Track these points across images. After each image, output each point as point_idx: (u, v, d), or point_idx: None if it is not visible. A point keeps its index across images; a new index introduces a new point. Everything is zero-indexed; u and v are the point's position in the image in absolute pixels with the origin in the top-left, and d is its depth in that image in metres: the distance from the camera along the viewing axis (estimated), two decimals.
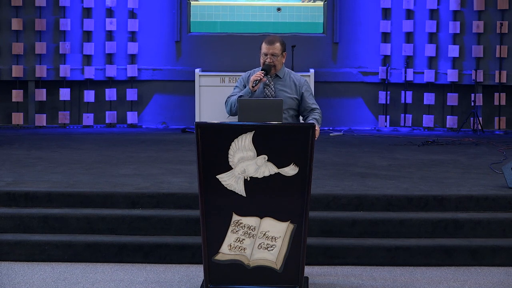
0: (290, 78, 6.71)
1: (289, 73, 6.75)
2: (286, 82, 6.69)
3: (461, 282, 6.50)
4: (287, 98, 6.60)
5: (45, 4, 14.28)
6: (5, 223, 7.31)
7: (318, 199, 7.45)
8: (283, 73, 6.73)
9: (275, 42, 6.73)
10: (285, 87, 6.67)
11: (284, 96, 6.61)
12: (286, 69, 6.78)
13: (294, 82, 6.69)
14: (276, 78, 6.71)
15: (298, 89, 6.68)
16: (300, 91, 6.67)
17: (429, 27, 14.30)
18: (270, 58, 6.67)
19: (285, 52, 6.77)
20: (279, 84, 6.68)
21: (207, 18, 14.48)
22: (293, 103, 6.64)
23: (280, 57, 6.70)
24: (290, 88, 6.67)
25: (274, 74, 6.71)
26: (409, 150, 11.32)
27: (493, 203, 7.57)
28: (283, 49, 6.74)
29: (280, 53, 6.70)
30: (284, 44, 6.78)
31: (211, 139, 5.82)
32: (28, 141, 12.11)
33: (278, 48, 6.70)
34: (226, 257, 5.89)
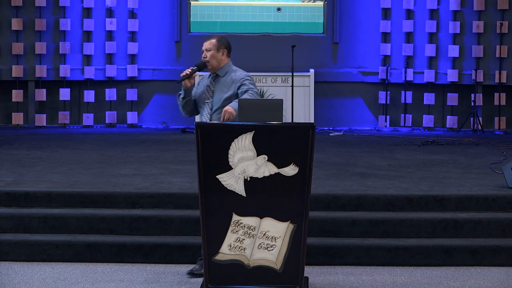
0: (229, 77, 6.54)
1: (231, 72, 6.59)
2: (224, 82, 6.54)
3: (461, 282, 6.50)
4: (221, 98, 6.47)
5: (45, 4, 14.29)
6: (5, 223, 7.31)
7: (318, 199, 7.44)
8: (223, 72, 6.58)
9: (212, 38, 6.65)
10: (224, 86, 6.52)
11: (218, 96, 6.49)
12: (231, 68, 6.61)
13: (232, 79, 6.52)
14: (217, 78, 6.58)
15: (235, 86, 6.51)
16: (236, 89, 6.49)
17: (429, 27, 14.30)
18: (204, 54, 6.57)
19: (224, 50, 6.60)
20: (219, 84, 6.55)
21: (207, 18, 14.49)
22: (230, 100, 6.45)
23: (214, 52, 6.54)
24: (228, 87, 6.52)
25: (215, 73, 6.58)
26: (409, 150, 11.33)
27: (493, 203, 7.57)
28: (219, 46, 6.58)
29: (214, 48, 6.55)
30: (223, 42, 6.62)
31: (211, 139, 5.82)
32: (28, 141, 12.12)
33: (212, 43, 6.58)
34: (226, 257, 5.89)
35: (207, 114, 6.53)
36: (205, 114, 6.55)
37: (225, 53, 6.64)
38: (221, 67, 6.59)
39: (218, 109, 6.49)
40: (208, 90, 6.57)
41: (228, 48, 6.66)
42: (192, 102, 6.65)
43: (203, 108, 6.58)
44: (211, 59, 6.56)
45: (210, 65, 6.56)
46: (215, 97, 6.52)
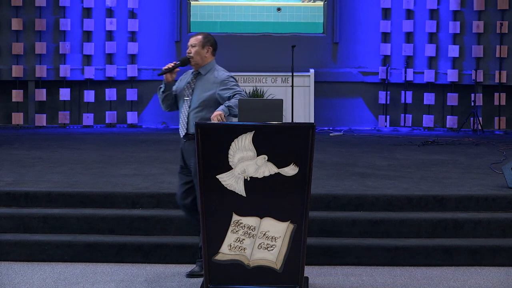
0: (211, 76, 6.49)
1: (214, 71, 6.53)
2: (206, 80, 6.48)
3: (461, 282, 6.50)
4: (200, 97, 6.42)
5: (45, 4, 14.29)
6: (5, 223, 7.31)
7: (318, 199, 7.44)
8: (206, 70, 6.52)
9: (198, 34, 6.58)
10: (204, 84, 6.47)
11: (197, 94, 6.44)
12: (215, 67, 6.56)
13: (214, 79, 6.46)
14: (198, 75, 6.53)
15: (216, 86, 6.44)
16: (217, 89, 6.43)
17: (429, 27, 14.30)
18: (189, 49, 6.51)
19: (209, 48, 6.53)
20: (200, 82, 6.50)
21: (207, 18, 14.49)
22: (207, 102, 6.40)
23: (198, 48, 6.48)
24: (208, 85, 6.45)
25: (197, 71, 6.53)
26: (409, 150, 11.32)
27: (493, 203, 7.57)
28: (205, 43, 6.51)
29: (199, 44, 6.49)
30: (209, 40, 6.56)
31: (211, 139, 5.82)
32: (28, 141, 12.12)
33: (198, 39, 6.52)
34: (226, 257, 5.89)
35: (185, 112, 6.48)
36: (183, 111, 6.49)
37: (210, 50, 6.57)
38: (205, 64, 6.53)
39: (196, 108, 6.44)
40: (188, 87, 6.53)
41: (213, 46, 6.59)
42: (172, 97, 6.60)
43: (182, 105, 6.53)
44: (195, 55, 6.50)
45: (193, 61, 6.51)
46: (194, 95, 6.47)
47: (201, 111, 6.42)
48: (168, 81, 6.53)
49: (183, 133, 6.50)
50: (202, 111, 6.41)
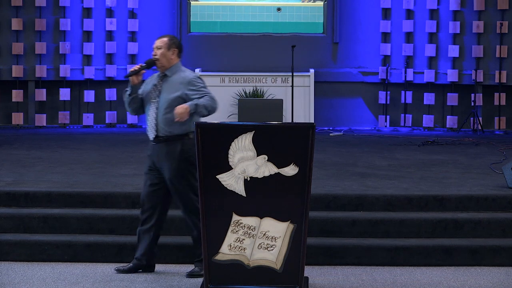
0: (178, 77, 6.47)
1: (180, 73, 6.51)
2: (172, 82, 6.46)
3: (461, 282, 6.50)
4: (168, 98, 6.40)
5: (45, 4, 14.29)
6: (5, 223, 7.31)
7: (318, 199, 7.44)
8: (172, 72, 6.51)
9: (164, 36, 6.61)
10: (171, 85, 6.45)
11: (165, 96, 6.42)
12: (180, 69, 6.55)
13: (181, 80, 6.45)
14: (165, 77, 6.51)
15: (184, 86, 6.43)
16: (184, 90, 6.42)
17: (429, 27, 14.30)
18: (155, 51, 6.52)
19: (175, 50, 6.53)
20: (167, 84, 6.48)
21: (207, 18, 14.49)
22: (175, 102, 6.37)
23: (164, 51, 6.49)
24: (174, 87, 6.43)
25: (163, 73, 6.51)
26: (409, 150, 11.33)
27: (493, 203, 7.57)
28: (170, 45, 6.52)
29: (165, 46, 6.50)
30: (174, 42, 6.57)
31: (211, 139, 5.82)
32: (28, 141, 12.12)
33: (164, 41, 6.53)
34: (226, 257, 5.89)
35: (153, 114, 6.46)
36: (151, 114, 6.47)
37: (176, 52, 6.56)
38: (170, 66, 6.52)
39: (164, 109, 6.42)
40: (155, 89, 6.50)
41: (179, 48, 6.60)
42: (138, 100, 6.56)
43: (149, 108, 6.50)
44: (161, 58, 6.50)
45: (159, 63, 6.50)
46: (161, 97, 6.45)
47: (169, 112, 6.39)
48: (134, 84, 6.49)
49: (152, 136, 6.47)
50: (170, 113, 6.38)
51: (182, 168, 6.43)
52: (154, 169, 6.54)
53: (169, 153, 6.42)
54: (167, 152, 6.43)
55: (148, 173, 6.58)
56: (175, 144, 6.41)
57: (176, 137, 6.41)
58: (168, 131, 6.42)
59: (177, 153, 6.40)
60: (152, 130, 6.46)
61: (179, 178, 6.44)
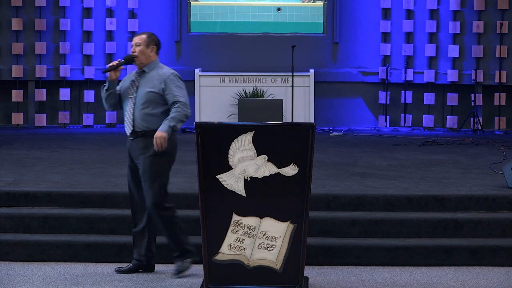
0: (155, 73, 6.51)
1: (158, 69, 6.55)
2: (150, 78, 6.50)
3: (461, 282, 6.50)
4: (144, 93, 6.44)
5: (45, 4, 14.29)
6: (5, 223, 7.31)
7: (318, 199, 7.45)
8: (150, 69, 6.55)
9: (143, 34, 6.64)
10: (148, 81, 6.48)
11: (142, 91, 6.46)
12: (158, 65, 6.59)
13: (158, 76, 6.48)
14: (142, 73, 6.55)
15: (160, 84, 6.46)
16: (161, 86, 6.45)
17: (429, 27, 14.30)
18: (133, 48, 6.54)
19: (153, 47, 6.58)
20: (144, 79, 6.51)
21: (207, 18, 14.49)
22: (152, 97, 6.43)
23: (143, 48, 6.52)
24: (152, 83, 6.47)
25: (141, 69, 6.54)
26: (409, 150, 11.33)
27: (493, 203, 7.57)
28: (149, 42, 6.57)
29: (143, 43, 6.53)
30: (153, 39, 6.62)
31: (211, 139, 5.82)
32: (28, 141, 12.12)
33: (143, 38, 6.57)
34: (226, 257, 5.89)
35: (130, 109, 6.47)
36: (128, 110, 6.49)
37: (154, 49, 6.61)
38: (149, 63, 6.56)
39: (141, 105, 6.44)
40: (132, 85, 6.54)
41: (158, 45, 6.65)
42: (115, 96, 6.59)
43: (127, 104, 6.52)
44: (140, 54, 6.53)
45: (138, 60, 6.53)
46: (139, 92, 6.48)
47: (146, 107, 6.43)
48: (112, 79, 6.52)
49: (129, 131, 6.48)
50: (147, 108, 6.43)
51: (156, 162, 6.42)
52: (134, 168, 6.54)
53: (145, 147, 6.42)
54: (144, 147, 6.43)
55: (130, 172, 6.58)
56: (151, 139, 6.39)
57: (153, 132, 6.41)
58: (145, 126, 6.44)
59: (152, 148, 6.39)
60: (129, 125, 6.48)
61: (150, 173, 6.41)
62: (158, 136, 6.31)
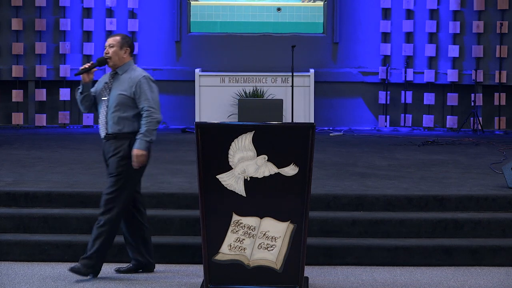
0: (128, 76, 6.47)
1: (130, 71, 6.52)
2: (122, 80, 6.47)
3: (461, 282, 6.50)
4: (116, 96, 6.41)
5: (45, 4, 14.29)
6: (5, 223, 7.31)
7: (318, 199, 7.45)
8: (123, 71, 6.52)
9: (117, 35, 6.61)
10: (120, 84, 6.45)
11: (114, 93, 6.43)
12: (131, 67, 6.56)
13: (129, 80, 6.45)
14: (116, 75, 6.52)
15: (131, 87, 6.42)
16: (132, 89, 6.42)
17: (429, 27, 14.30)
18: (107, 50, 6.51)
19: (127, 49, 6.54)
20: (117, 81, 6.48)
21: (207, 18, 14.49)
22: (124, 100, 6.39)
23: (117, 49, 6.49)
24: (123, 85, 6.43)
25: (114, 71, 6.52)
26: (409, 150, 11.33)
27: (493, 203, 7.57)
28: (123, 44, 6.53)
29: (117, 45, 6.50)
30: (127, 41, 6.57)
31: (211, 139, 5.82)
32: (28, 141, 12.12)
33: (116, 40, 6.54)
34: (226, 257, 5.89)
35: (104, 112, 6.45)
36: (102, 112, 6.47)
37: (128, 51, 6.57)
38: (122, 65, 6.53)
39: (114, 107, 6.40)
40: (106, 87, 6.51)
41: (131, 47, 6.61)
42: (90, 98, 6.56)
43: (101, 106, 6.50)
44: (113, 56, 6.51)
45: (111, 61, 6.51)
46: (111, 94, 6.45)
47: (118, 110, 6.40)
48: (85, 82, 6.48)
49: (103, 134, 6.46)
50: (119, 111, 6.40)
51: (123, 164, 6.38)
52: None
53: (116, 149, 6.40)
54: (114, 149, 6.40)
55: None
56: (123, 141, 6.39)
57: (125, 134, 6.39)
58: (117, 128, 6.40)
59: (123, 150, 6.37)
60: (103, 128, 6.45)
61: (115, 174, 6.38)
62: (136, 154, 6.29)
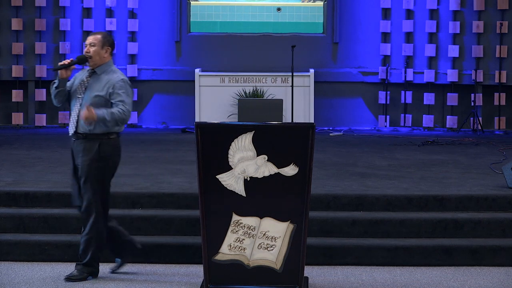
0: (106, 77, 6.41)
1: (109, 72, 6.45)
2: (99, 80, 6.40)
3: (461, 282, 6.50)
4: (92, 96, 6.35)
5: (45, 4, 14.29)
6: (5, 223, 7.31)
7: (318, 199, 7.45)
8: (101, 70, 6.45)
9: (98, 34, 6.53)
10: (97, 84, 6.38)
11: (89, 94, 6.37)
12: (111, 68, 6.49)
13: (107, 81, 6.38)
14: (93, 74, 6.45)
15: (108, 89, 6.37)
16: (109, 90, 6.36)
17: (429, 27, 14.30)
18: (87, 48, 6.44)
19: (108, 48, 6.47)
20: (94, 81, 6.41)
21: (207, 18, 14.49)
22: (98, 101, 6.33)
23: (98, 48, 6.41)
24: (100, 86, 6.37)
25: (93, 70, 6.45)
26: (409, 150, 11.33)
27: (493, 203, 7.57)
28: (104, 43, 6.45)
29: (99, 44, 6.42)
30: (108, 40, 6.50)
31: (211, 139, 5.82)
32: (28, 141, 12.12)
33: (98, 39, 6.45)
34: (226, 257, 5.89)
35: (77, 110, 6.38)
36: (75, 109, 6.40)
37: (109, 51, 6.50)
38: (101, 64, 6.46)
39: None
40: (82, 85, 6.45)
41: (112, 46, 6.54)
42: (65, 94, 6.49)
43: (74, 103, 6.43)
44: (94, 55, 6.44)
45: (92, 60, 6.45)
46: (86, 94, 6.39)
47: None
48: (63, 77, 6.42)
49: (72, 131, 6.41)
50: None
51: (95, 167, 6.35)
52: (75, 168, 6.46)
53: (85, 150, 6.35)
54: (84, 149, 6.35)
55: (74, 173, 6.48)
56: (93, 142, 6.35)
57: (95, 136, 6.35)
58: (87, 129, 6.34)
59: (93, 151, 6.33)
60: (73, 126, 6.39)
61: (88, 177, 6.34)
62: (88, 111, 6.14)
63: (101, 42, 6.46)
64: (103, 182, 6.43)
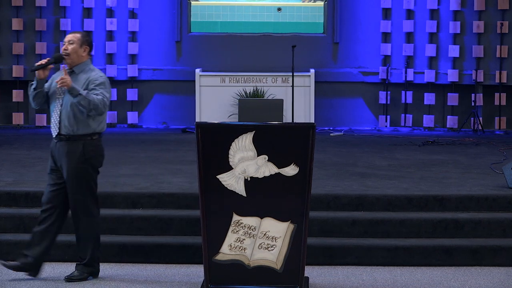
0: (84, 76, 6.36)
1: (87, 71, 6.40)
2: (78, 80, 6.33)
3: (461, 282, 6.50)
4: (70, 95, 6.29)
5: (45, 4, 14.29)
6: (5, 223, 7.31)
7: (318, 199, 7.45)
8: (79, 70, 6.39)
9: (77, 32, 6.48)
10: (76, 83, 6.28)
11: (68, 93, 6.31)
12: (89, 67, 6.44)
13: (85, 81, 6.33)
14: (71, 74, 6.35)
15: (87, 85, 6.30)
16: (89, 87, 6.30)
17: (429, 27, 14.30)
18: (66, 46, 6.37)
19: (86, 47, 6.41)
20: (73, 81, 6.29)
21: (207, 18, 14.49)
22: None
23: (76, 46, 6.35)
24: (79, 85, 6.28)
25: (71, 69, 6.37)
26: (409, 150, 11.33)
27: (493, 203, 7.57)
28: (83, 42, 6.38)
29: (77, 42, 6.36)
30: (87, 39, 6.44)
31: (211, 139, 5.82)
32: (28, 141, 12.12)
33: (77, 37, 6.39)
34: (227, 257, 5.89)
35: (57, 111, 6.34)
36: (55, 110, 6.35)
37: (87, 50, 6.44)
38: (79, 63, 6.40)
39: (69, 106, 6.29)
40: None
41: (90, 46, 6.49)
42: (43, 95, 6.43)
43: (54, 104, 6.38)
44: (72, 53, 6.37)
45: (69, 59, 6.38)
46: (66, 94, 6.31)
47: (72, 110, 6.29)
48: (41, 78, 6.35)
49: (55, 133, 6.36)
50: (73, 111, 6.28)
51: (80, 169, 6.32)
52: (56, 169, 6.42)
53: (69, 153, 6.31)
54: (68, 152, 6.31)
55: (50, 173, 6.46)
56: (76, 144, 6.31)
57: (78, 137, 6.31)
58: (70, 130, 6.30)
59: (77, 153, 6.31)
60: (55, 128, 6.35)
61: (76, 179, 6.32)
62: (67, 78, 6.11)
63: (80, 40, 6.40)
64: (92, 182, 6.42)
